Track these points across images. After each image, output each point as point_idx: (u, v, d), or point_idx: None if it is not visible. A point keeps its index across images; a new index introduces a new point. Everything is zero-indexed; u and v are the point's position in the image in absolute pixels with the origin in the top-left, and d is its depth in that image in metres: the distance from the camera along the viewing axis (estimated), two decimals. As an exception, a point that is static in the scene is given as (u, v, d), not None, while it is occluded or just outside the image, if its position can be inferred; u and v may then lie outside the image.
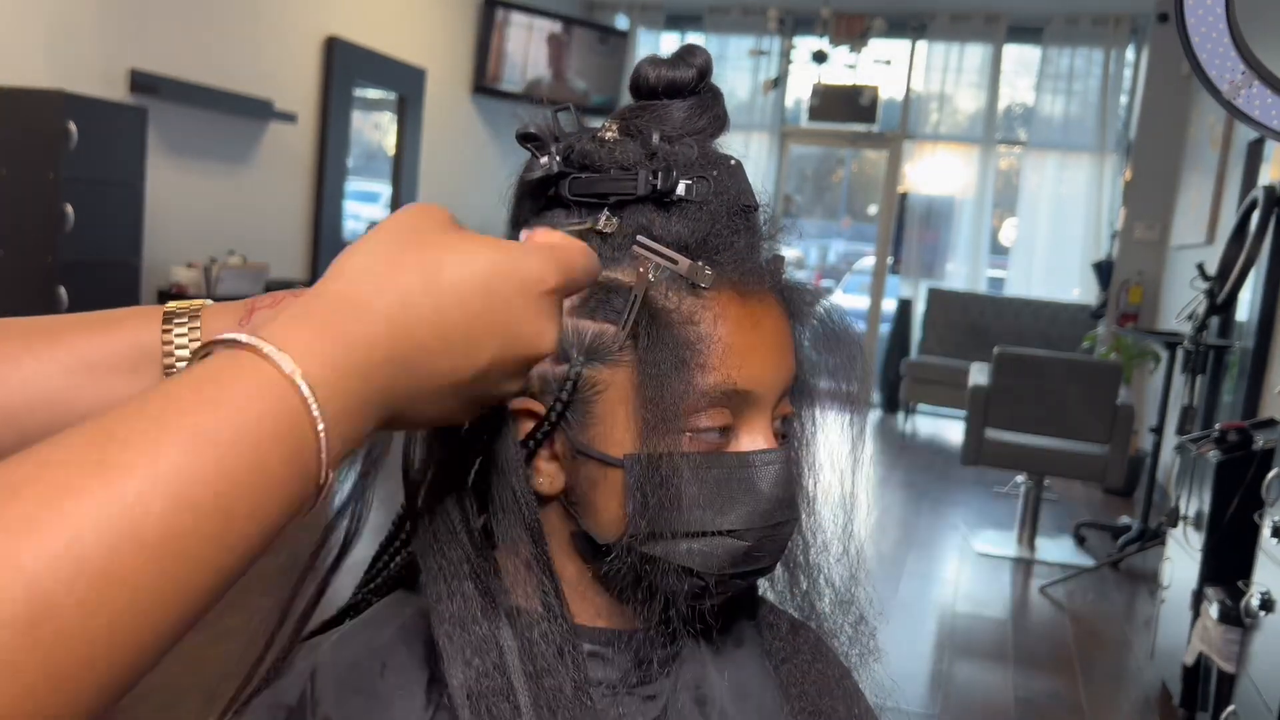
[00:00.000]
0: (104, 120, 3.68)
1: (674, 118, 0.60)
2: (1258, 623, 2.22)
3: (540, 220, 0.61)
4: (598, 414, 0.57)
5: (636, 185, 0.58)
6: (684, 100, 0.61)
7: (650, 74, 0.60)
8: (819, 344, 0.65)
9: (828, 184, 10.26)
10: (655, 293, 0.57)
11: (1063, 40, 7.28)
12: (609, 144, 0.60)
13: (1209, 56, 1.65)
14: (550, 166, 0.59)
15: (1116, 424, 4.13)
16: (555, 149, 0.59)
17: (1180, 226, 6.02)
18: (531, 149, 0.60)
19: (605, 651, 0.61)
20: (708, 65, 0.61)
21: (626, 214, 0.58)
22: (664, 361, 0.55)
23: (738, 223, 0.59)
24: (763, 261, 0.61)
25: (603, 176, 0.59)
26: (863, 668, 0.70)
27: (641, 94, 0.61)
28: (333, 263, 0.43)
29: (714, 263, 0.57)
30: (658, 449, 0.55)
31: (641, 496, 0.55)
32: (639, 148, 0.59)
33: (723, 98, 0.62)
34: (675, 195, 0.57)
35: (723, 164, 0.60)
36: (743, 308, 0.58)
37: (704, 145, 0.61)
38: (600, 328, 0.57)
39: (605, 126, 0.61)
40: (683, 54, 0.61)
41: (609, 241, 0.58)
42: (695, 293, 0.57)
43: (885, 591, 3.79)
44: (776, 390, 0.59)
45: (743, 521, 0.57)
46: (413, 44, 6.16)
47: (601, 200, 0.58)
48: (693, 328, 0.56)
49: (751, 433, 0.59)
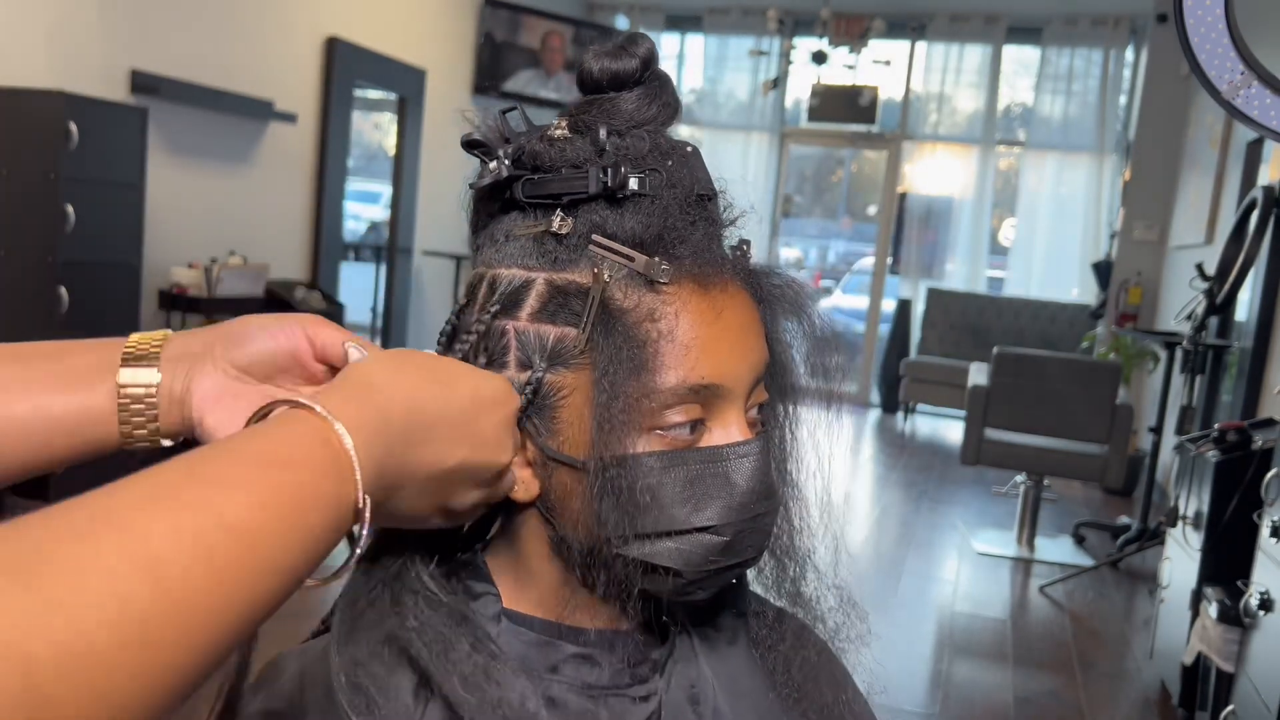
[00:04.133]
0: (104, 120, 3.68)
1: (622, 110, 0.59)
2: (1257, 622, 2.22)
3: (498, 225, 0.61)
4: (565, 419, 0.57)
5: (588, 184, 0.57)
6: (631, 91, 0.59)
7: (594, 67, 0.59)
8: (790, 321, 0.64)
9: (827, 184, 10.26)
10: (613, 292, 0.56)
11: (1062, 41, 7.28)
12: (559, 142, 0.59)
13: (1208, 57, 1.65)
14: (499, 172, 0.58)
15: (1116, 424, 4.14)
16: (504, 152, 0.58)
17: (1179, 227, 6.02)
18: (479, 155, 0.59)
19: (595, 653, 0.60)
20: (651, 53, 0.59)
21: (580, 213, 0.57)
22: (622, 362, 0.55)
23: (693, 213, 0.58)
24: (724, 250, 0.60)
25: (554, 176, 0.58)
26: (854, 653, 0.69)
27: (587, 88, 0.61)
28: (339, 374, 0.51)
29: (671, 256, 0.56)
30: (618, 451, 0.55)
31: (607, 499, 0.55)
32: (588, 144, 0.58)
33: (671, 83, 0.61)
34: (627, 190, 0.56)
35: (677, 153, 0.59)
36: (704, 299, 0.57)
37: (656, 135, 0.60)
38: (561, 332, 0.57)
39: (555, 124, 0.60)
40: (624, 44, 0.60)
41: (564, 243, 0.57)
42: (654, 289, 0.56)
43: (885, 591, 3.79)
44: (746, 380, 0.58)
45: (719, 516, 0.56)
46: (413, 44, 6.16)
47: (555, 201, 0.58)
48: (653, 325, 0.55)
49: (725, 425, 0.58)
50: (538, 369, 0.57)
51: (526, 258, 0.58)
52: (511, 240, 0.59)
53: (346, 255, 6.30)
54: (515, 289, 0.58)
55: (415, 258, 6.46)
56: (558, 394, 0.57)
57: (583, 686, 0.60)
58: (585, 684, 0.60)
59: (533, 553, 0.62)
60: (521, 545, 0.63)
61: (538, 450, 0.58)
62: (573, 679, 0.60)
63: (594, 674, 0.60)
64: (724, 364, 0.57)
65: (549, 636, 0.61)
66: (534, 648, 0.61)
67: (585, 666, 0.60)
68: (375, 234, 9.14)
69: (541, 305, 0.57)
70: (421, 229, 6.47)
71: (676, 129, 0.62)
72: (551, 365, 0.57)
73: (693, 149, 0.60)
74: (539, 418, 0.57)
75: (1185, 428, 4.02)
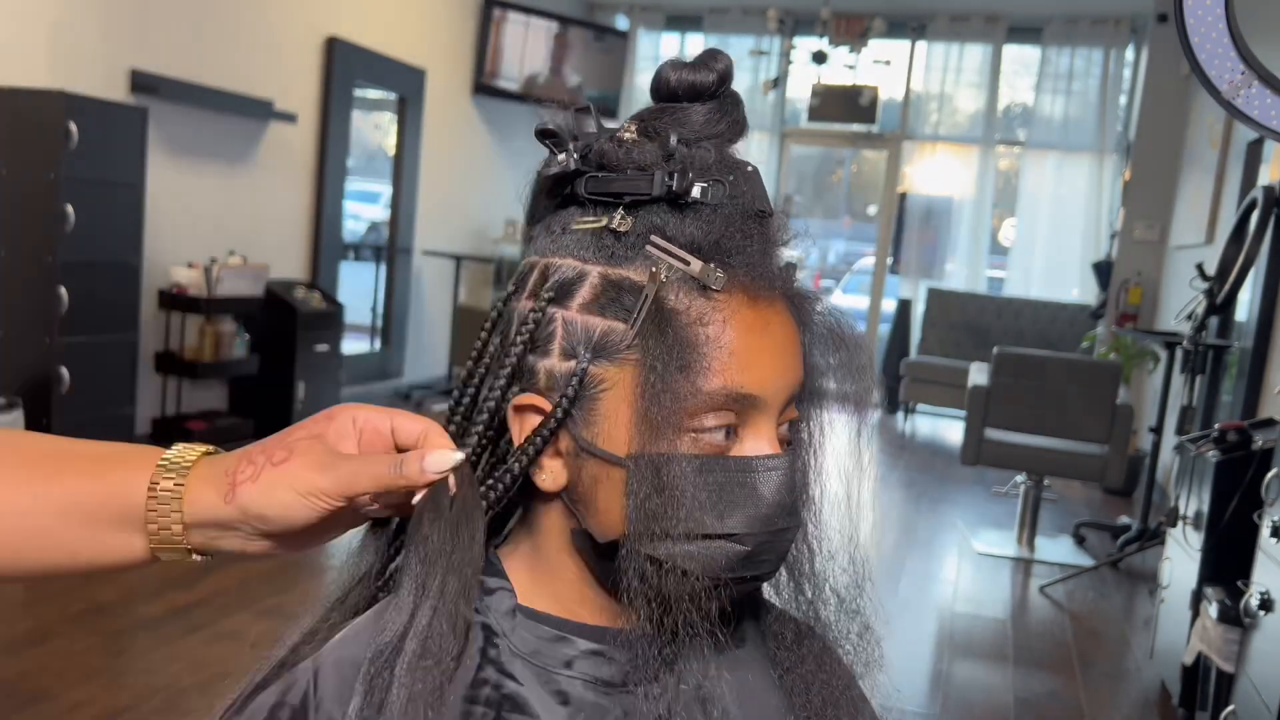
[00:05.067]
0: (104, 120, 3.68)
1: (693, 121, 0.60)
2: (1257, 622, 2.22)
3: (555, 218, 0.62)
4: (602, 412, 0.58)
5: (652, 185, 0.58)
6: (703, 104, 0.61)
7: (671, 77, 0.61)
8: (825, 348, 0.65)
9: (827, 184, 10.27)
10: (666, 293, 0.57)
11: (1062, 40, 7.28)
12: (627, 144, 0.60)
13: (1208, 56, 1.65)
14: (568, 163, 0.59)
15: (1116, 424, 4.13)
16: (573, 147, 0.59)
17: (1179, 226, 6.02)
18: (550, 145, 0.60)
19: (608, 650, 0.61)
20: (729, 70, 0.61)
21: (641, 214, 0.58)
22: (669, 362, 0.55)
23: (751, 227, 0.59)
24: (774, 268, 0.61)
25: (619, 176, 0.59)
26: (867, 676, 0.70)
27: (661, 96, 0.62)
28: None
29: (726, 266, 0.57)
30: (658, 449, 0.55)
31: (641, 496, 0.55)
32: (657, 149, 0.59)
33: (742, 104, 0.63)
34: (690, 197, 0.58)
35: (739, 169, 0.61)
36: (752, 311, 0.58)
37: (721, 150, 0.61)
38: (609, 325, 0.57)
39: (624, 127, 0.61)
40: (705, 58, 0.61)
41: (622, 240, 0.58)
42: (705, 295, 0.57)
43: (885, 592, 3.79)
44: (782, 395, 0.59)
45: (743, 525, 0.57)
46: (413, 44, 6.16)
47: (616, 199, 0.59)
48: (701, 329, 0.56)
49: (756, 437, 0.58)
50: (582, 359, 0.58)
51: (583, 250, 0.59)
52: (569, 233, 0.60)
53: (346, 255, 6.30)
54: (569, 279, 0.59)
55: (415, 258, 6.45)
56: (598, 386, 0.58)
57: (596, 682, 0.61)
58: (598, 680, 0.61)
59: (553, 546, 0.63)
60: (542, 538, 0.63)
61: (572, 441, 0.59)
62: (586, 675, 0.61)
63: (607, 670, 0.61)
64: (764, 376, 0.58)
65: (563, 632, 0.62)
66: (547, 643, 0.61)
67: (599, 662, 0.61)
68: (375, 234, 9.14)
69: (594, 297, 0.58)
70: (421, 229, 6.47)
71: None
72: (595, 357, 0.57)
73: (753, 169, 0.61)
74: (577, 409, 0.58)
75: (1185, 428, 4.02)
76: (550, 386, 0.59)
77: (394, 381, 6.33)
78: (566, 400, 0.58)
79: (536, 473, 0.60)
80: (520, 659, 0.60)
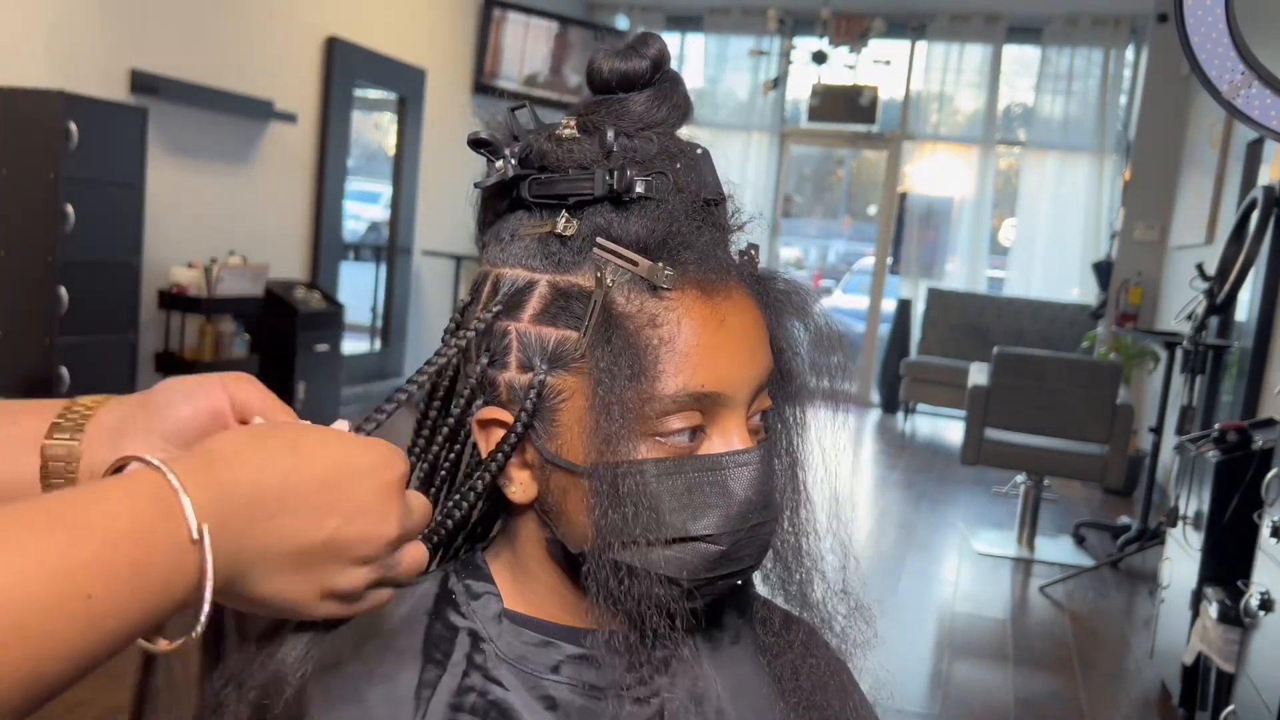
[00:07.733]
0: (104, 120, 3.68)
1: (631, 111, 0.58)
2: (1257, 622, 2.22)
3: (504, 224, 0.60)
4: (564, 422, 0.56)
5: (593, 186, 0.56)
6: (641, 92, 0.58)
7: (604, 67, 0.59)
8: (793, 326, 0.63)
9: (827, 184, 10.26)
10: (615, 296, 0.55)
11: (1062, 40, 7.28)
12: (566, 142, 0.58)
13: (1208, 57, 1.65)
14: (505, 172, 0.57)
15: (1116, 424, 4.13)
16: (512, 150, 0.57)
17: (1179, 227, 6.02)
18: (485, 154, 0.58)
19: (595, 654, 0.60)
20: (662, 54, 0.58)
21: (586, 215, 0.57)
22: (618, 371, 0.54)
23: (699, 218, 0.57)
24: (731, 255, 0.59)
25: (560, 177, 0.57)
26: (860, 658, 0.69)
27: (597, 88, 0.59)
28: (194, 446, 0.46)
29: (675, 261, 0.55)
30: (616, 456, 0.54)
31: (603, 504, 0.54)
32: (596, 145, 0.57)
33: (682, 84, 0.60)
34: (633, 194, 0.55)
35: (686, 156, 0.58)
36: (707, 306, 0.56)
37: (666, 137, 0.59)
38: (562, 335, 0.56)
39: (563, 123, 0.59)
40: (635, 44, 0.59)
41: (569, 245, 0.56)
42: (656, 294, 0.55)
43: (885, 591, 3.79)
44: (748, 388, 0.58)
45: (716, 526, 0.56)
46: (413, 44, 6.16)
47: (561, 201, 0.57)
48: (653, 331, 0.55)
49: (725, 433, 0.57)
50: (539, 371, 0.56)
51: (530, 258, 0.58)
52: (516, 240, 0.59)
53: (346, 255, 6.29)
54: (518, 290, 0.58)
55: (415, 257, 6.45)
56: (557, 397, 0.56)
57: (584, 687, 0.60)
58: (586, 684, 0.60)
59: (531, 554, 0.62)
60: (520, 546, 0.63)
61: (536, 453, 0.58)
62: (574, 679, 0.60)
63: (595, 674, 0.60)
64: (725, 372, 0.56)
65: (549, 637, 0.61)
66: (534, 648, 0.60)
67: (586, 667, 0.60)
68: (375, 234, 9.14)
69: (544, 307, 0.57)
70: (421, 229, 6.47)
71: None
72: (552, 368, 0.56)
73: (703, 151, 0.59)
74: (539, 420, 0.57)
75: (1185, 428, 4.01)
76: (511, 399, 0.58)
77: (394, 381, 6.33)
78: (526, 414, 0.56)
79: (506, 485, 0.59)
80: (506, 664, 0.60)
